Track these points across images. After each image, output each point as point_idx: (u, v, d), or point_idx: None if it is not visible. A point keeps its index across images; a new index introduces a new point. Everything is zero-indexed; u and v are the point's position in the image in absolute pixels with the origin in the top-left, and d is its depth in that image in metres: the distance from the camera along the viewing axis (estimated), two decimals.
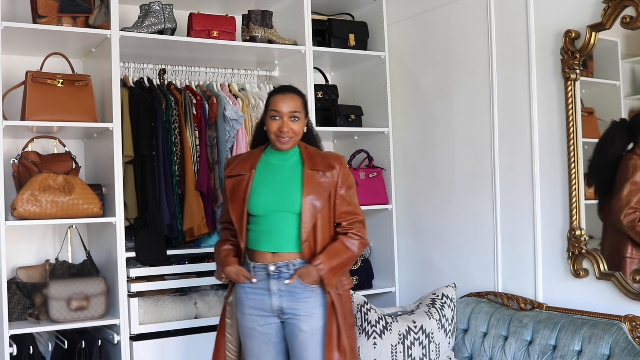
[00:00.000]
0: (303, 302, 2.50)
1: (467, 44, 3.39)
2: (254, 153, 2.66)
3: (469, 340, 3.09)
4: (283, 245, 2.51)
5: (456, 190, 3.47)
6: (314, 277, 2.47)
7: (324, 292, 2.51)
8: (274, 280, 2.50)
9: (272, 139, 2.56)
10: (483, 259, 3.30)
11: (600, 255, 2.77)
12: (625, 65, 2.76)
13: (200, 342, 3.22)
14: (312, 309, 2.50)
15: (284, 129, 2.52)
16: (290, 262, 2.50)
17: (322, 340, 2.49)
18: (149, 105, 3.29)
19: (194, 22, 3.36)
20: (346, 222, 2.57)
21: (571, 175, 2.85)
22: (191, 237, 3.37)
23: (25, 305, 3.11)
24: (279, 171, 2.59)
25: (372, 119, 3.93)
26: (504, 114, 3.21)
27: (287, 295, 2.50)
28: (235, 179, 2.59)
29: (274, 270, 2.50)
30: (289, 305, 2.51)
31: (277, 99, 2.56)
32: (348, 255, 2.55)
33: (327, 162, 2.57)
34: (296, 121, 2.54)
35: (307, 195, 2.48)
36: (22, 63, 3.19)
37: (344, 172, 2.58)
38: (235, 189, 2.58)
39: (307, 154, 2.59)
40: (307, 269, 2.47)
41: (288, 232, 2.51)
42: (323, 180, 2.53)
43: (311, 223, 2.48)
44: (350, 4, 3.96)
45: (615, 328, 2.58)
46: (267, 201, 2.53)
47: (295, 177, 2.55)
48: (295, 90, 2.62)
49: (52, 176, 2.99)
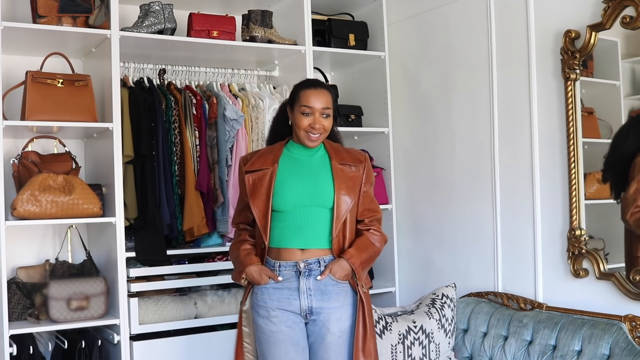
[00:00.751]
0: (334, 301, 2.41)
1: (467, 44, 3.39)
2: (274, 148, 2.53)
3: (469, 340, 3.09)
4: (313, 241, 2.42)
5: (456, 190, 3.47)
6: (346, 271, 2.40)
7: (352, 290, 2.45)
8: (303, 278, 2.40)
9: (300, 135, 2.45)
10: (483, 259, 3.30)
11: (600, 255, 2.77)
12: (625, 65, 2.76)
13: (200, 342, 3.22)
14: (341, 308, 2.42)
15: (316, 126, 2.42)
16: (320, 259, 2.41)
17: (348, 343, 2.41)
18: (149, 105, 3.29)
19: (194, 22, 3.36)
20: (368, 219, 2.52)
21: (571, 175, 2.85)
22: (191, 237, 3.37)
23: (25, 305, 3.11)
24: (305, 166, 2.48)
25: (372, 119, 3.93)
26: (504, 114, 3.21)
27: (317, 293, 2.40)
28: (257, 174, 2.46)
29: (304, 267, 2.39)
30: (319, 304, 2.40)
31: (309, 94, 2.44)
32: (374, 250, 2.51)
33: (354, 157, 2.52)
34: (327, 118, 2.45)
35: (340, 189, 2.42)
36: (22, 63, 3.19)
37: (368, 168, 2.53)
38: (256, 185, 2.45)
39: (333, 149, 2.52)
40: (339, 263, 2.40)
41: (319, 228, 2.42)
42: (353, 175, 2.47)
43: (344, 218, 2.42)
44: (350, 4, 3.96)
45: (615, 328, 2.58)
46: (295, 196, 2.42)
47: (324, 171, 2.46)
48: (325, 86, 2.54)
49: (52, 176, 2.99)
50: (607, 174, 2.78)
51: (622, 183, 2.67)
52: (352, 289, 2.45)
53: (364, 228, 2.51)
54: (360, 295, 2.43)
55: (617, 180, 2.73)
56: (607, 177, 2.78)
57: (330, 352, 2.39)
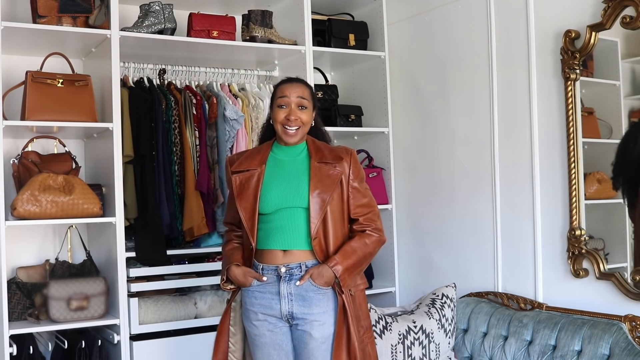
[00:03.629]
0: (315, 307, 2.35)
1: (467, 44, 3.39)
2: (262, 148, 2.52)
3: (469, 340, 3.09)
4: (293, 242, 2.37)
5: (456, 190, 3.47)
6: (327, 278, 2.33)
7: (336, 295, 2.37)
8: (284, 283, 2.36)
9: (278, 130, 2.43)
10: (483, 259, 3.30)
11: (600, 255, 2.77)
12: (625, 65, 2.76)
13: (200, 342, 3.22)
14: (324, 314, 2.36)
15: (291, 117, 2.40)
16: (302, 263, 2.36)
17: (332, 349, 2.35)
18: (149, 105, 3.29)
19: (194, 22, 3.36)
20: (363, 218, 2.45)
21: (571, 175, 2.85)
22: (191, 237, 3.37)
23: (25, 305, 3.11)
24: (288, 167, 2.46)
25: (372, 119, 3.93)
26: (504, 114, 3.21)
27: (298, 299, 2.35)
28: (244, 175, 2.44)
29: (285, 271, 2.36)
30: (300, 310, 2.35)
31: (283, 87, 2.45)
32: (364, 254, 2.41)
33: (335, 154, 2.46)
34: (304, 110, 2.42)
35: (315, 188, 2.36)
36: (22, 63, 3.19)
37: (354, 163, 2.46)
38: (243, 186, 2.42)
39: (315, 147, 2.48)
40: (319, 269, 2.33)
41: (298, 229, 2.37)
42: (332, 172, 2.40)
43: (320, 218, 2.35)
44: (350, 4, 3.96)
45: (615, 328, 2.58)
46: (276, 198, 2.39)
47: (303, 171, 2.43)
48: (302, 80, 2.53)
49: (52, 176, 2.99)
50: (617, 181, 2.75)
51: (635, 187, 2.66)
52: (334, 294, 2.38)
53: (359, 229, 2.45)
54: (343, 302, 2.35)
55: (630, 186, 2.71)
56: (617, 184, 2.75)
57: (313, 358, 2.35)
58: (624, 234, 2.73)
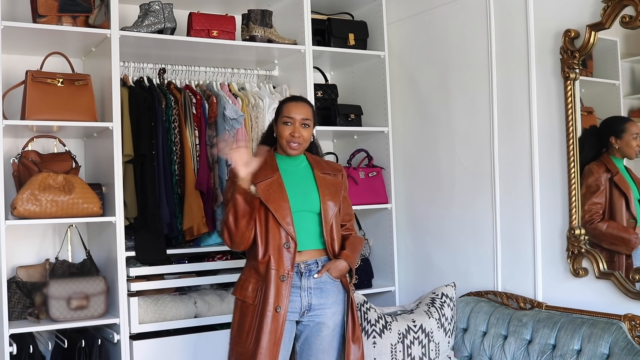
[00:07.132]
0: (330, 297, 2.65)
1: (466, 44, 3.40)
2: (267, 159, 2.69)
3: (468, 339, 3.09)
4: (309, 243, 2.64)
5: (456, 190, 3.47)
6: (342, 270, 2.65)
7: (343, 287, 2.69)
8: (304, 278, 2.61)
9: (283, 144, 2.68)
10: (483, 258, 3.30)
11: (599, 255, 2.77)
12: (625, 65, 2.77)
13: (200, 342, 3.22)
14: (335, 303, 2.66)
15: (295, 134, 2.65)
16: (317, 259, 2.65)
17: (338, 335, 2.68)
18: (148, 104, 3.29)
19: (194, 22, 3.36)
20: (349, 223, 2.81)
21: (571, 175, 2.85)
22: (191, 237, 3.37)
23: (25, 305, 3.12)
24: (294, 175, 2.70)
25: (371, 118, 3.93)
26: (503, 113, 3.21)
27: (316, 291, 2.63)
28: (265, 182, 2.62)
29: (304, 267, 2.61)
30: (317, 301, 2.63)
31: (290, 107, 2.69)
32: (359, 250, 2.79)
33: (332, 167, 2.80)
34: (306, 128, 2.68)
35: (325, 195, 2.67)
36: (22, 62, 3.19)
37: (345, 177, 2.82)
38: (269, 190, 2.60)
39: (314, 160, 2.77)
40: (335, 263, 2.64)
41: (312, 231, 2.65)
42: (335, 182, 2.74)
43: (330, 221, 2.67)
44: (350, 3, 3.96)
45: (614, 327, 2.58)
46: (294, 203, 2.62)
47: (309, 180, 2.71)
48: (307, 100, 2.78)
49: (52, 175, 3.00)
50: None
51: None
52: (343, 287, 2.70)
53: (347, 233, 2.79)
54: (349, 292, 2.70)
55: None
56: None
57: (325, 343, 2.65)
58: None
